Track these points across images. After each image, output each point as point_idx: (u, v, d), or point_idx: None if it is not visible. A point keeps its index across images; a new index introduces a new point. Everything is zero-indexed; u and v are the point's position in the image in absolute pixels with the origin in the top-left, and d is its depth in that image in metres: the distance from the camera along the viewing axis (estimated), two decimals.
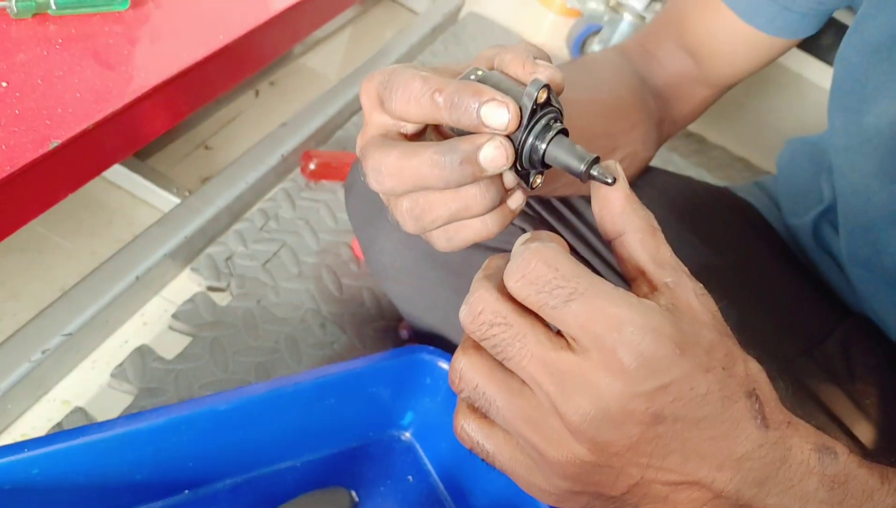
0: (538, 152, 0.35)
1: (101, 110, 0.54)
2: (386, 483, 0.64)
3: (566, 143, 0.35)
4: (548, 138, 0.35)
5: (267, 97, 1.14)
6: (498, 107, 0.34)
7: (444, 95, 0.34)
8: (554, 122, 0.35)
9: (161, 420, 0.53)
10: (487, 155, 0.34)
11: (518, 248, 0.33)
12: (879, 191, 0.55)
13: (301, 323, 0.79)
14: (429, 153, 0.34)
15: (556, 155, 0.35)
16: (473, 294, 0.33)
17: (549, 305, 0.31)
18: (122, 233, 0.84)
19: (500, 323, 0.32)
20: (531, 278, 0.31)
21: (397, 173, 0.35)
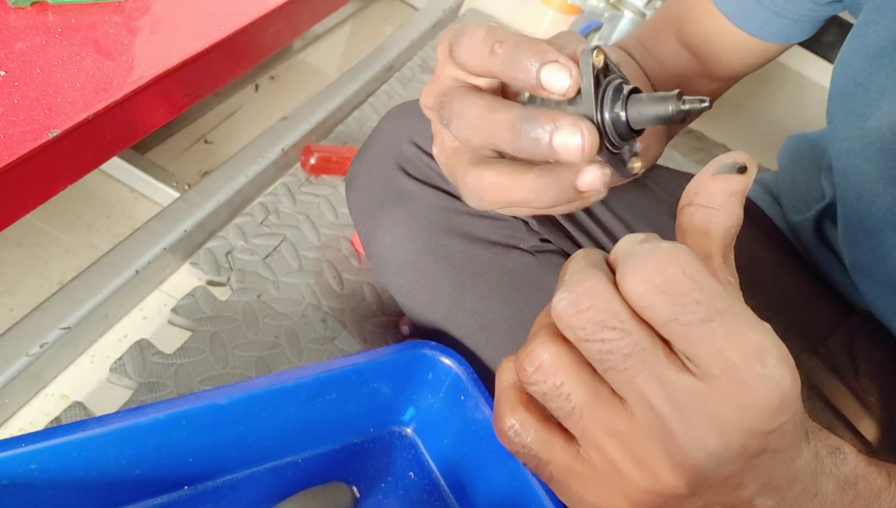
0: (621, 120, 0.32)
1: (100, 100, 0.54)
2: (387, 479, 0.64)
3: (644, 96, 0.32)
4: (623, 101, 0.32)
5: (267, 91, 1.13)
6: (559, 70, 0.31)
7: (504, 47, 0.32)
8: (622, 84, 0.33)
9: (161, 415, 0.53)
10: (561, 141, 0.31)
11: (638, 247, 0.28)
12: (883, 195, 0.55)
13: (301, 318, 0.78)
14: (510, 115, 0.32)
15: (639, 112, 0.32)
16: (581, 284, 0.28)
17: (682, 321, 0.27)
18: (121, 227, 0.83)
19: (617, 327, 0.28)
20: (663, 286, 0.27)
21: (476, 124, 0.33)
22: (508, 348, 0.61)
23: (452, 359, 0.62)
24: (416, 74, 1.24)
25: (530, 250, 0.67)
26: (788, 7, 0.58)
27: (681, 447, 0.28)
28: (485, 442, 0.61)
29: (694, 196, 0.31)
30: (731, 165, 0.31)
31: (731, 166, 0.31)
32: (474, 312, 0.65)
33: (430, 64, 1.28)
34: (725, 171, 0.31)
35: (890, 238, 0.55)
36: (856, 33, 0.56)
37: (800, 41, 0.63)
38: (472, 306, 0.65)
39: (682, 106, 0.31)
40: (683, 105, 0.31)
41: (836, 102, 0.59)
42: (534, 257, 0.67)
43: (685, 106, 0.31)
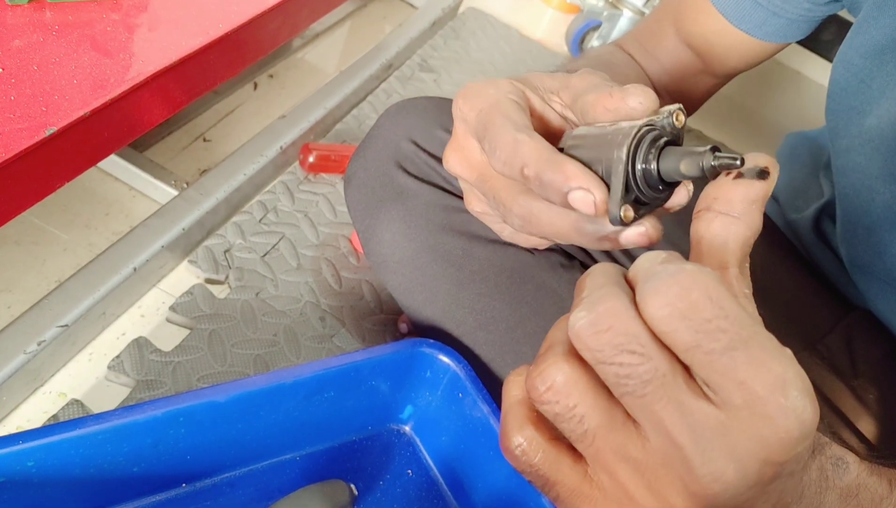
0: (652, 174, 0.32)
1: (98, 98, 0.54)
2: (385, 476, 0.64)
3: (679, 150, 0.32)
4: (655, 154, 0.32)
5: (266, 90, 1.13)
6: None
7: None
8: (658, 139, 0.33)
9: (159, 413, 0.52)
10: (576, 197, 0.33)
11: (660, 268, 0.27)
12: (882, 192, 0.55)
13: (300, 316, 0.78)
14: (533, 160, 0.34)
15: (671, 166, 0.32)
16: (602, 303, 0.27)
17: (705, 348, 0.26)
18: (120, 225, 0.83)
19: (637, 352, 0.27)
20: (686, 311, 0.26)
21: (506, 160, 0.35)
22: (507, 345, 0.61)
23: (451, 357, 0.62)
24: (416, 73, 1.24)
25: (528, 248, 0.67)
26: (786, 7, 0.59)
27: (698, 478, 0.27)
28: (483, 440, 0.61)
29: (713, 201, 0.30)
30: (753, 169, 0.30)
31: (752, 171, 0.30)
32: (473, 310, 0.64)
33: (428, 62, 1.28)
34: (747, 175, 0.30)
35: (888, 235, 0.55)
36: (856, 31, 0.56)
37: (797, 40, 0.63)
38: (470, 304, 0.64)
39: (713, 162, 0.30)
40: (715, 161, 0.30)
41: (835, 99, 0.59)
42: (532, 254, 0.67)
43: (716, 162, 0.30)
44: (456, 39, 1.37)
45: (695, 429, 0.27)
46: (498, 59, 1.37)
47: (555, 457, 0.31)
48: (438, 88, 1.24)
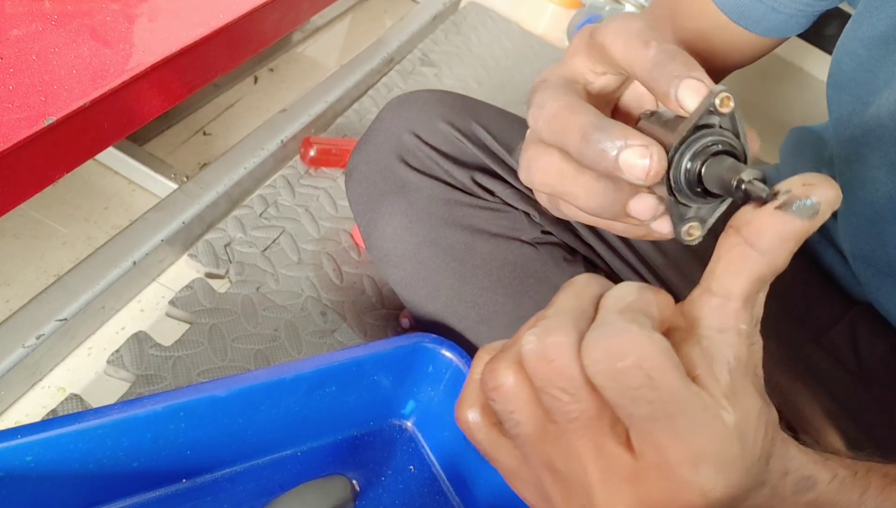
0: (694, 172, 0.30)
1: (97, 88, 0.53)
2: (387, 472, 0.63)
3: (728, 161, 0.30)
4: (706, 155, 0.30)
5: (266, 84, 1.12)
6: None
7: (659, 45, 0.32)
8: (714, 144, 0.30)
9: (158, 407, 0.52)
10: (627, 159, 0.30)
11: (613, 318, 0.28)
12: (884, 182, 0.55)
13: (301, 311, 0.78)
14: (585, 119, 0.31)
15: (713, 173, 0.30)
16: (552, 335, 0.28)
17: (626, 411, 0.27)
18: (119, 219, 0.82)
19: (569, 392, 0.28)
20: (616, 375, 0.26)
21: (550, 120, 0.33)
22: None
23: (453, 352, 0.62)
24: (416, 67, 1.24)
25: (531, 242, 0.66)
26: (785, 2, 0.58)
27: None
28: None
29: (744, 225, 0.29)
30: (802, 205, 0.27)
31: (801, 208, 0.27)
32: (475, 304, 0.64)
33: (429, 57, 1.27)
34: (796, 209, 0.27)
35: (891, 226, 0.55)
36: (858, 21, 0.55)
37: (795, 34, 0.63)
38: (472, 299, 0.64)
39: (742, 186, 0.28)
40: (743, 185, 0.28)
41: (837, 89, 0.58)
42: (535, 248, 0.66)
43: (744, 187, 0.28)
44: (457, 34, 1.36)
45: (606, 471, 0.28)
46: (499, 54, 1.36)
47: (496, 440, 0.33)
48: (439, 82, 1.23)
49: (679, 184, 0.31)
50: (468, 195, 0.66)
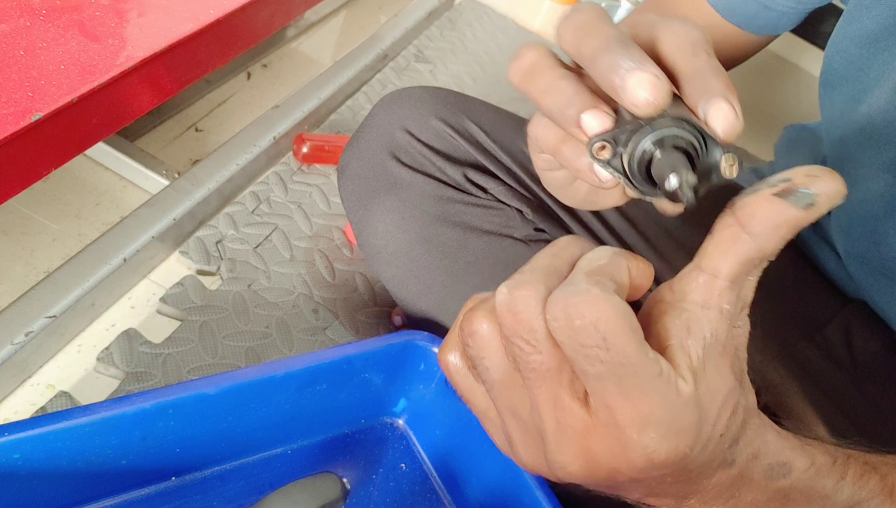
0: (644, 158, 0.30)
1: (85, 83, 0.53)
2: (378, 470, 0.63)
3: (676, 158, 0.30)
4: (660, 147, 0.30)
5: (259, 80, 1.12)
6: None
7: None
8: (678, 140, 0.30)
9: (147, 405, 0.51)
10: (636, 81, 0.29)
11: (578, 279, 0.29)
12: (876, 181, 0.55)
13: (293, 308, 0.77)
14: (611, 30, 0.31)
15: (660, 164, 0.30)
16: (521, 289, 0.29)
17: (580, 367, 0.28)
18: (110, 215, 0.82)
19: (531, 344, 0.29)
20: (572, 333, 0.27)
21: (577, 26, 0.32)
22: None
23: None
24: (411, 63, 1.23)
25: (524, 240, 0.66)
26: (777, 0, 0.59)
27: (549, 461, 0.31)
28: (476, 434, 0.60)
29: (739, 207, 0.29)
30: (801, 195, 0.27)
31: (799, 197, 0.27)
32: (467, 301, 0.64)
33: (424, 53, 1.27)
34: (792, 199, 0.27)
35: (883, 224, 0.55)
36: (849, 19, 0.56)
37: (786, 31, 0.63)
38: (464, 296, 0.64)
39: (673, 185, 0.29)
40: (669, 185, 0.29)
41: (829, 88, 0.59)
42: (527, 246, 0.66)
43: (669, 187, 0.29)
44: (452, 30, 1.36)
45: (560, 423, 0.30)
46: (494, 51, 1.36)
47: (472, 383, 0.35)
48: (434, 78, 1.23)
49: (631, 159, 0.31)
50: (460, 192, 0.66)
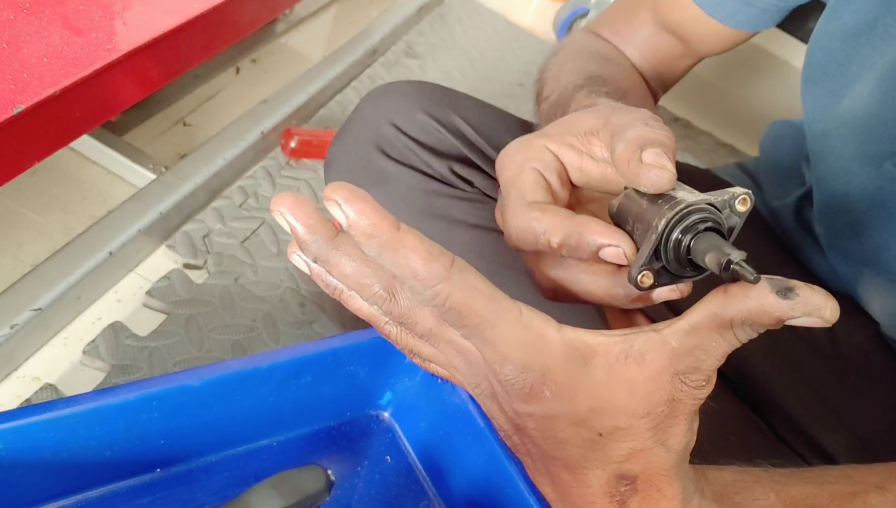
0: (681, 251, 0.33)
1: (68, 76, 0.53)
2: (363, 462, 0.63)
3: (715, 238, 0.32)
4: (692, 235, 0.33)
5: (248, 75, 1.12)
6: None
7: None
8: (704, 221, 0.33)
9: (131, 396, 0.51)
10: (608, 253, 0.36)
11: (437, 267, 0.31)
12: (858, 174, 0.55)
13: (279, 302, 0.78)
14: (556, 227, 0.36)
15: (699, 249, 0.32)
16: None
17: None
18: (97, 209, 0.82)
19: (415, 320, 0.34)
20: (441, 312, 0.31)
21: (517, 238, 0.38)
22: None
23: None
24: (401, 59, 1.23)
25: None
26: None
27: None
28: (462, 426, 0.60)
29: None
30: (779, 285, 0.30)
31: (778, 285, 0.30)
32: None
33: (414, 49, 1.27)
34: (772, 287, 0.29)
35: (865, 216, 0.55)
36: (830, 15, 0.56)
37: (767, 28, 0.64)
38: None
39: (732, 267, 0.31)
40: (731, 266, 0.30)
41: (811, 84, 0.59)
42: None
43: (733, 267, 0.30)
44: (442, 26, 1.36)
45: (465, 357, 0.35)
46: (484, 47, 1.36)
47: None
48: (424, 74, 1.23)
49: (668, 254, 0.34)
50: (446, 186, 0.66)
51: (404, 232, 0.30)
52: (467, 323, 0.31)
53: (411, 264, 0.30)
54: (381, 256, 0.30)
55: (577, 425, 0.32)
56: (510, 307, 0.32)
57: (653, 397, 0.31)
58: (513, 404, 0.33)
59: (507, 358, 0.31)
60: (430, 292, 0.30)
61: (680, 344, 0.31)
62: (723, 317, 0.30)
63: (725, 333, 0.30)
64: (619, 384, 0.31)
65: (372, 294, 0.32)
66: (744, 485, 0.37)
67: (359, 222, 0.30)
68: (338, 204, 0.30)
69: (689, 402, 0.31)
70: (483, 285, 0.31)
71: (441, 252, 0.31)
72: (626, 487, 0.33)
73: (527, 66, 1.36)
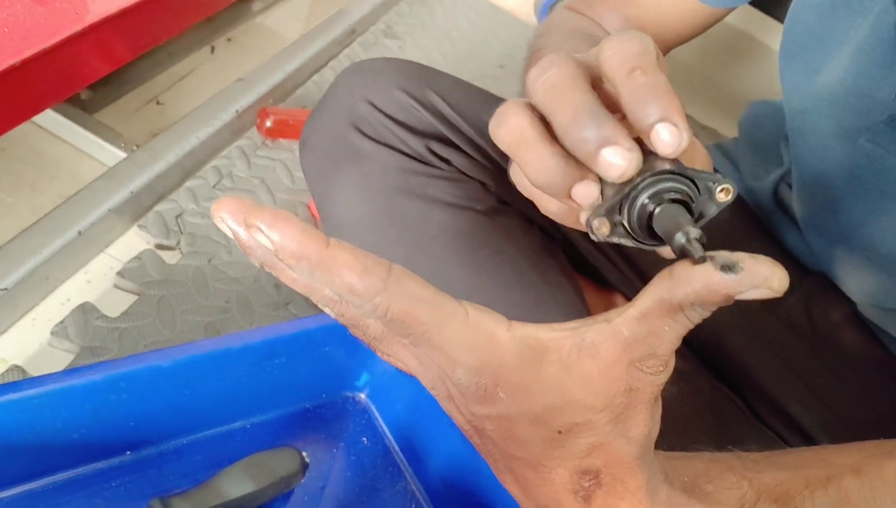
0: (646, 210, 0.31)
1: (30, 47, 0.51)
2: (339, 444, 0.62)
3: (678, 211, 0.31)
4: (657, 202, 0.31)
5: (223, 54, 1.10)
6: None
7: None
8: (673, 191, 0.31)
9: (98, 377, 0.50)
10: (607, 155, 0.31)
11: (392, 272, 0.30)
12: (836, 150, 0.55)
13: (254, 283, 0.76)
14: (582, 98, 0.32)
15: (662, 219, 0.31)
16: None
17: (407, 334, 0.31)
18: (66, 188, 0.80)
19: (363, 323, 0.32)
20: (386, 323, 0.30)
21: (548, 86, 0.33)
22: None
23: None
24: (379, 39, 1.22)
25: (486, 212, 0.65)
26: None
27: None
28: (438, 408, 0.59)
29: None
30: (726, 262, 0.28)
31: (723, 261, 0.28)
32: (430, 274, 0.63)
33: (393, 29, 1.25)
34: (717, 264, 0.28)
35: (842, 192, 0.55)
36: None
37: (743, 4, 0.63)
38: (427, 269, 0.63)
39: (682, 241, 0.29)
40: (683, 241, 0.29)
41: (789, 60, 0.59)
42: (490, 218, 0.65)
43: (682, 243, 0.30)
44: (422, 6, 1.34)
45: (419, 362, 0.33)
46: (465, 28, 1.35)
47: None
48: (403, 55, 1.22)
49: (631, 222, 0.32)
50: (423, 164, 0.65)
51: (335, 248, 0.29)
52: (412, 332, 0.30)
53: (346, 281, 0.29)
54: (314, 276, 0.29)
55: (535, 424, 0.31)
56: (455, 310, 0.30)
57: (610, 389, 0.30)
58: (469, 406, 0.32)
59: (457, 362, 0.30)
60: (368, 306, 0.29)
61: (632, 332, 0.30)
62: (671, 301, 0.29)
63: (676, 316, 0.29)
64: (574, 379, 0.30)
65: (322, 297, 0.30)
66: (716, 474, 0.36)
67: (285, 246, 0.28)
68: (259, 229, 0.28)
69: (647, 390, 0.31)
70: (424, 292, 0.30)
71: (376, 263, 0.29)
72: (589, 482, 0.32)
73: (508, 48, 1.34)
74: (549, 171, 0.33)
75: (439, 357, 0.31)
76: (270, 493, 0.55)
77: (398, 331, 0.30)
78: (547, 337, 0.31)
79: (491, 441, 0.33)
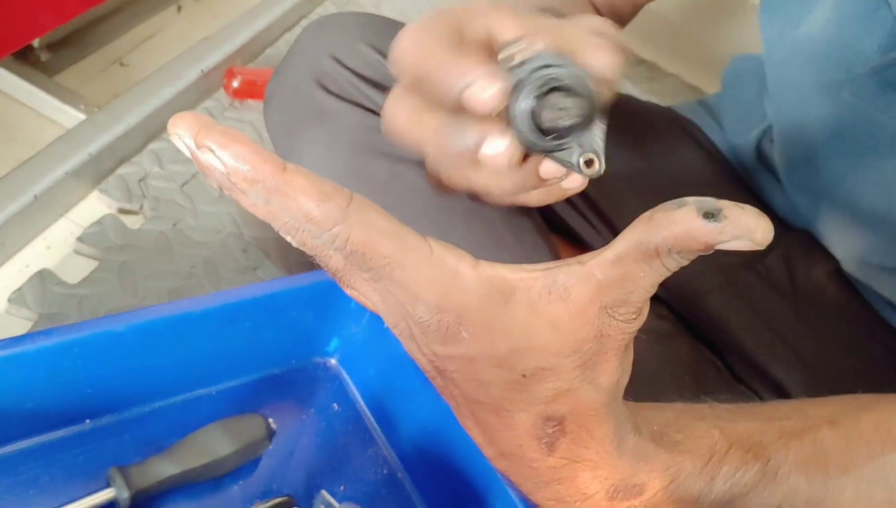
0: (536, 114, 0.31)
1: None
2: (309, 410, 0.61)
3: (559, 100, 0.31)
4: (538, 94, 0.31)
5: (191, 12, 1.06)
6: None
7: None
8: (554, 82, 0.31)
9: (49, 342, 0.48)
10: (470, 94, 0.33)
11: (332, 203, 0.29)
12: (818, 105, 0.54)
13: (221, 247, 0.74)
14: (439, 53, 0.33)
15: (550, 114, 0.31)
16: None
17: None
18: (24, 152, 0.77)
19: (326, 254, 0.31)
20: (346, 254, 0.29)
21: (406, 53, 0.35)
22: None
23: None
24: None
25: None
26: None
27: None
28: (410, 372, 0.58)
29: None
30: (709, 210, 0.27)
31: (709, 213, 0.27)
32: None
33: None
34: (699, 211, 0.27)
35: (824, 148, 0.54)
36: None
37: None
38: None
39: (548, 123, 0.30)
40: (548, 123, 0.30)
41: (769, 12, 0.57)
42: None
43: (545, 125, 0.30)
44: None
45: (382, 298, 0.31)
46: None
47: None
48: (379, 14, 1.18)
49: (522, 126, 0.32)
50: None
51: (291, 173, 0.27)
52: (373, 265, 0.29)
53: (303, 208, 0.27)
54: (270, 202, 0.27)
55: (499, 366, 0.30)
56: (418, 245, 0.29)
57: (579, 334, 0.29)
58: (431, 346, 0.31)
59: (418, 299, 0.29)
60: (327, 235, 0.28)
61: (606, 276, 0.28)
62: (648, 245, 0.27)
63: (653, 262, 0.28)
64: (542, 322, 0.29)
65: (283, 225, 0.28)
66: (686, 423, 0.35)
67: (237, 169, 0.26)
68: (210, 150, 0.26)
69: (618, 337, 0.29)
70: (386, 223, 0.29)
71: (336, 190, 0.28)
72: (553, 429, 0.31)
73: None
74: (447, 137, 0.34)
75: (400, 293, 0.29)
76: (234, 461, 0.54)
77: (358, 264, 0.29)
78: (515, 277, 0.29)
79: (453, 384, 0.32)
